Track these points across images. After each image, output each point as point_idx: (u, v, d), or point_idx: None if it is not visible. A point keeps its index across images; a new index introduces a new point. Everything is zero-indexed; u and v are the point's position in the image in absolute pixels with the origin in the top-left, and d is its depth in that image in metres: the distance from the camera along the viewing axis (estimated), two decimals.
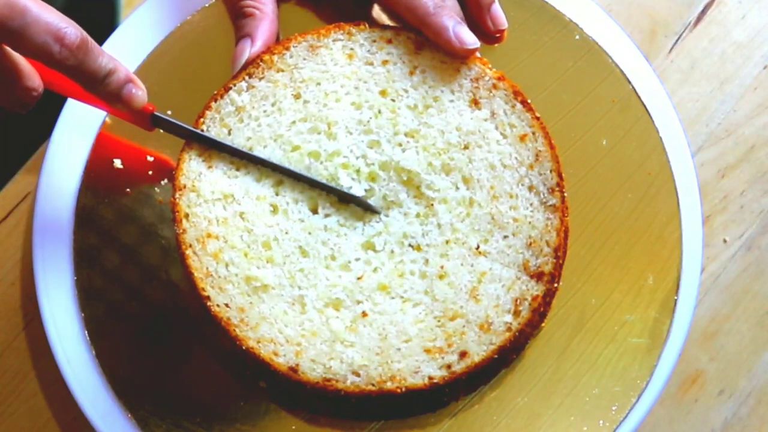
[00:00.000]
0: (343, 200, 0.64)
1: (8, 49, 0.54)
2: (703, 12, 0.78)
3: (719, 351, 0.72)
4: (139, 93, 0.59)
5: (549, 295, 0.64)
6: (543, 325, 0.66)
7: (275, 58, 0.66)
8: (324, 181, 0.64)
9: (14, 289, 0.69)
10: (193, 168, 0.64)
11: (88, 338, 0.65)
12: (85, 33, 0.55)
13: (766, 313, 0.73)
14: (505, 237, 0.64)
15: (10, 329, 0.69)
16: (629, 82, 0.71)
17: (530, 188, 0.65)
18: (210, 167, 0.64)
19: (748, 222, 0.75)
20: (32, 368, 0.68)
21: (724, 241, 0.74)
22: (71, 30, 0.54)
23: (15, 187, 0.71)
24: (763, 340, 0.73)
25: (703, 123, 0.76)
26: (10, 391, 0.68)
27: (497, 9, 0.69)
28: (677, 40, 0.78)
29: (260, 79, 0.65)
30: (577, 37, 0.72)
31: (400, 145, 0.65)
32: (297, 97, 0.65)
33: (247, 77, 0.65)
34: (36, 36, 0.53)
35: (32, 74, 0.57)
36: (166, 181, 0.67)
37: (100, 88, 0.58)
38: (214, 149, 0.64)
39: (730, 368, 0.72)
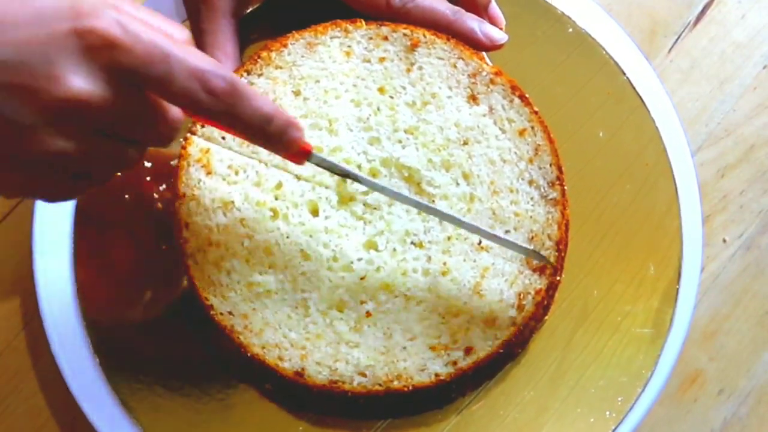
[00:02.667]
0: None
1: None
2: (703, 12, 0.78)
3: (719, 350, 0.72)
4: (300, 136, 0.55)
5: (552, 288, 0.64)
6: (546, 318, 0.66)
7: (273, 54, 0.66)
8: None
9: (14, 289, 0.69)
10: (192, 175, 0.64)
11: (87, 338, 0.64)
12: (234, 75, 0.50)
13: (766, 313, 0.73)
14: (507, 232, 0.64)
15: (10, 329, 0.69)
16: (623, 74, 0.72)
17: (530, 182, 0.65)
18: (209, 174, 0.64)
19: (748, 221, 0.75)
20: (32, 368, 0.68)
21: (724, 240, 0.74)
22: (218, 73, 0.50)
23: None
24: (763, 340, 0.73)
25: (703, 123, 0.76)
26: (10, 390, 0.68)
27: (494, 8, 0.69)
28: (677, 40, 0.78)
29: (259, 75, 0.65)
30: (570, 30, 0.72)
31: (400, 141, 0.65)
32: (297, 93, 0.65)
33: (245, 74, 0.65)
34: (180, 83, 0.49)
35: (173, 107, 0.52)
36: (164, 186, 0.67)
37: (256, 135, 0.53)
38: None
39: (729, 368, 0.72)
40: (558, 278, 0.64)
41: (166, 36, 0.49)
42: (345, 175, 0.61)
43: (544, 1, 0.72)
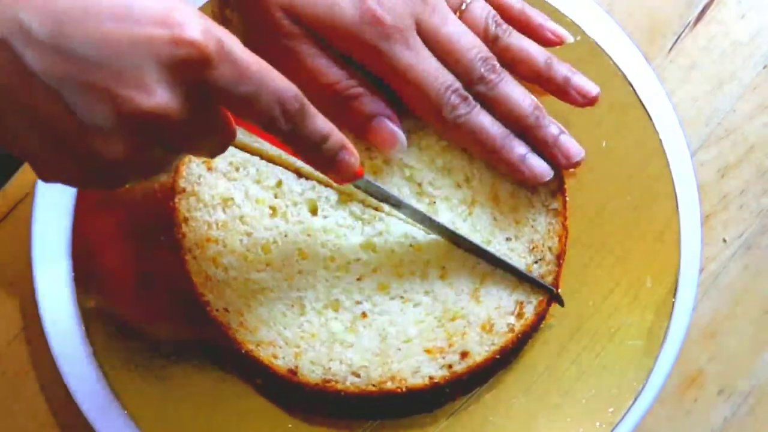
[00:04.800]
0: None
1: None
2: (703, 12, 0.78)
3: (719, 351, 0.72)
4: (353, 160, 0.55)
5: (551, 299, 0.64)
6: (541, 325, 0.66)
7: None
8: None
9: (14, 289, 0.69)
10: (193, 171, 0.64)
11: (87, 338, 0.65)
12: (301, 94, 0.50)
13: (765, 313, 0.73)
14: (508, 239, 0.64)
15: (10, 329, 0.69)
16: (630, 85, 0.71)
17: (532, 190, 0.65)
18: (210, 169, 0.64)
19: (748, 222, 0.75)
20: (32, 368, 0.68)
21: (724, 240, 0.74)
22: (292, 93, 0.50)
23: (15, 187, 0.71)
24: (762, 340, 0.73)
25: (703, 123, 0.76)
26: (10, 391, 0.68)
27: (567, 141, 0.64)
28: (677, 40, 0.78)
29: None
30: (578, 37, 0.72)
31: None
32: None
33: None
34: (263, 104, 0.48)
35: (231, 120, 0.51)
36: (165, 177, 0.67)
37: (311, 153, 0.54)
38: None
39: (729, 368, 0.72)
40: (557, 291, 0.65)
41: (252, 53, 0.48)
42: (387, 200, 0.62)
43: (552, 7, 0.72)
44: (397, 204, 0.63)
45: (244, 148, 0.65)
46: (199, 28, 0.45)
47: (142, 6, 0.44)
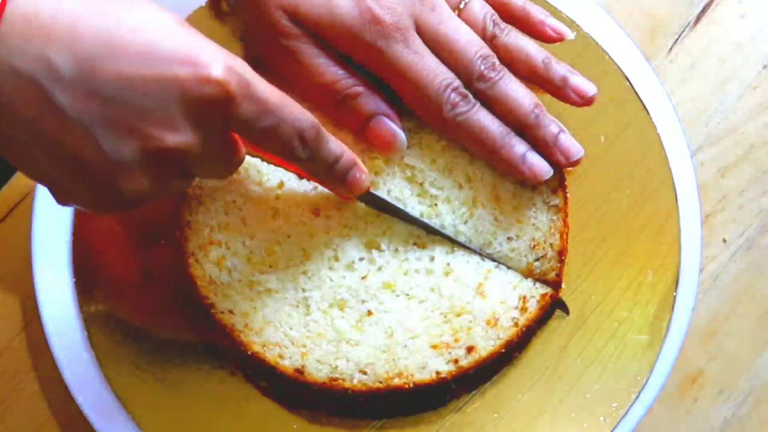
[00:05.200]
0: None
1: None
2: (703, 12, 0.78)
3: (719, 351, 0.72)
4: (363, 177, 0.58)
5: (555, 294, 0.64)
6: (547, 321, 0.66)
7: None
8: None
9: (14, 289, 0.69)
10: None
11: (87, 338, 0.64)
12: (316, 121, 0.52)
13: (766, 313, 0.73)
14: (509, 239, 0.64)
15: (10, 329, 0.69)
16: (627, 79, 0.71)
17: (533, 188, 0.65)
18: None
19: (748, 221, 0.75)
20: (32, 368, 0.68)
21: (724, 240, 0.74)
22: (310, 124, 0.52)
23: (15, 187, 0.71)
24: (762, 340, 0.73)
25: (703, 123, 0.76)
26: (10, 391, 0.68)
27: (567, 140, 0.64)
28: (677, 40, 0.78)
29: (267, 70, 0.65)
30: (575, 33, 0.72)
31: None
32: None
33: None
34: (283, 136, 0.50)
35: (240, 144, 0.53)
36: None
37: (324, 174, 0.56)
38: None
39: (729, 368, 0.72)
40: (560, 287, 0.65)
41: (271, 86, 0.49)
42: (391, 212, 0.63)
43: (548, 3, 0.72)
44: (402, 215, 0.63)
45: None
46: (223, 66, 0.46)
47: (167, 44, 0.45)
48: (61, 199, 0.49)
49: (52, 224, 0.66)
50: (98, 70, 0.44)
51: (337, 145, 0.55)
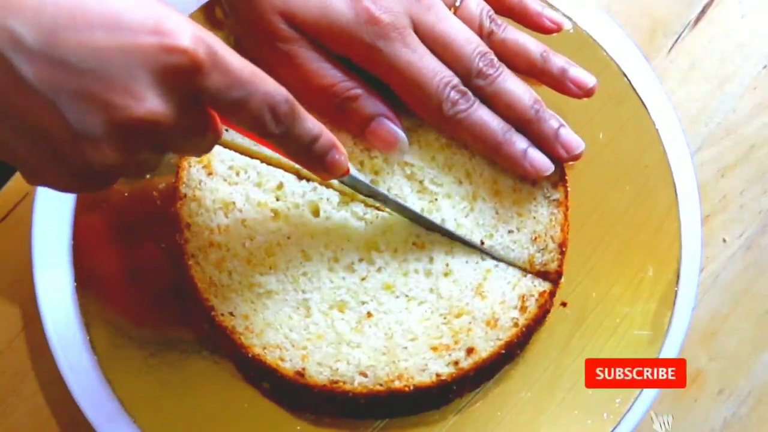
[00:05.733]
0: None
1: None
2: (703, 12, 0.78)
3: (719, 351, 0.72)
4: (342, 159, 0.56)
5: (554, 291, 0.64)
6: (545, 319, 0.66)
7: None
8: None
9: (14, 289, 0.69)
10: (193, 176, 0.64)
11: (87, 338, 0.64)
12: (291, 97, 0.51)
13: (765, 313, 0.73)
14: (510, 232, 0.64)
15: (10, 329, 0.69)
16: (625, 76, 0.72)
17: (533, 183, 0.65)
18: (210, 174, 0.64)
19: (748, 221, 0.75)
20: (32, 368, 0.68)
21: (724, 240, 0.74)
22: (283, 98, 0.50)
23: (15, 187, 0.71)
24: (762, 340, 0.73)
25: (703, 123, 0.76)
26: (10, 390, 0.68)
27: (567, 134, 0.64)
28: (677, 40, 0.78)
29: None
30: (572, 30, 0.72)
31: None
32: None
33: None
34: (253, 108, 0.49)
35: (217, 119, 0.52)
36: (164, 184, 0.67)
37: (301, 154, 0.54)
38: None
39: (729, 368, 0.72)
40: (560, 281, 0.65)
41: (242, 58, 0.49)
42: (371, 195, 0.62)
43: (544, 1, 0.72)
44: (382, 199, 0.63)
45: (244, 152, 0.64)
46: (190, 36, 0.45)
47: (132, 14, 0.45)
48: (30, 178, 0.48)
49: (52, 224, 0.66)
50: (62, 39, 0.43)
51: (314, 124, 0.53)
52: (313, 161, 0.55)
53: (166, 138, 0.48)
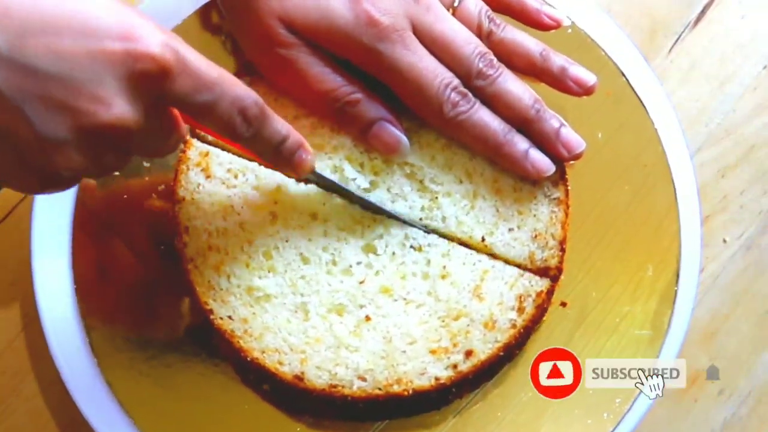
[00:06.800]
0: (345, 198, 0.64)
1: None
2: (703, 12, 0.78)
3: (719, 351, 0.72)
4: (309, 158, 0.57)
5: (551, 290, 0.64)
6: (544, 319, 0.66)
7: None
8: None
9: (14, 289, 0.70)
10: (191, 179, 0.64)
11: (87, 340, 0.64)
12: (260, 99, 0.52)
13: (766, 313, 0.73)
14: (510, 230, 0.64)
15: (10, 329, 0.69)
16: (623, 75, 0.71)
17: (534, 182, 0.65)
18: (209, 177, 0.64)
19: (748, 222, 0.75)
20: (31, 369, 0.68)
21: (724, 240, 0.74)
22: (253, 101, 0.51)
23: None
24: (762, 340, 0.73)
25: (703, 123, 0.76)
26: (10, 391, 0.68)
27: (568, 133, 0.64)
28: (677, 40, 0.78)
29: (262, 76, 0.65)
30: (570, 30, 0.72)
31: None
32: None
33: (248, 75, 0.65)
34: (221, 111, 0.50)
35: (180, 122, 0.52)
36: (163, 186, 0.67)
37: (271, 154, 0.55)
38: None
39: (729, 368, 0.72)
40: (560, 278, 0.65)
41: (210, 62, 0.49)
42: (334, 190, 0.63)
43: (544, 1, 0.72)
44: (346, 195, 0.64)
45: (242, 155, 0.65)
46: (158, 41, 0.46)
47: (100, 20, 0.45)
48: None
49: (52, 224, 0.66)
50: (30, 45, 0.43)
51: (282, 125, 0.54)
52: (282, 161, 0.56)
53: (132, 141, 0.48)
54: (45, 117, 0.44)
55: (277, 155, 0.55)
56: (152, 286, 0.66)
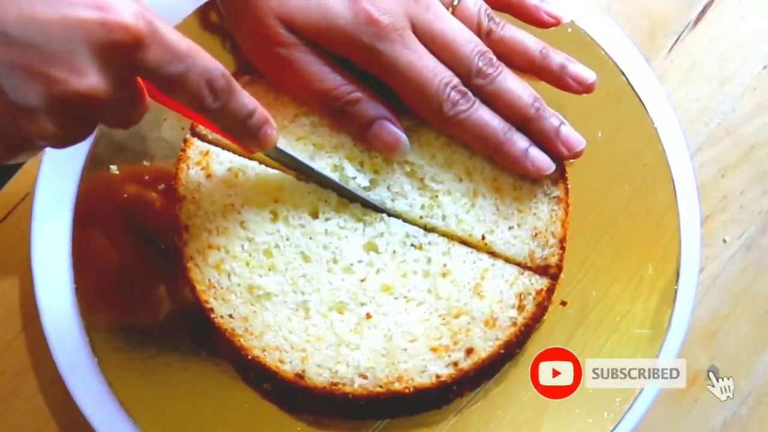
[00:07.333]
0: (346, 198, 0.64)
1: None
2: (703, 12, 0.78)
3: (719, 351, 0.72)
4: (274, 133, 0.57)
5: (551, 288, 0.64)
6: (544, 318, 0.66)
7: None
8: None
9: (14, 289, 0.69)
10: (192, 178, 0.64)
11: (87, 340, 0.64)
12: (227, 72, 0.52)
13: (766, 313, 0.73)
14: (510, 228, 0.64)
15: (10, 329, 0.69)
16: (622, 74, 0.72)
17: (534, 180, 0.65)
18: (209, 176, 0.64)
19: (748, 222, 0.75)
20: (32, 368, 0.68)
21: (724, 240, 0.74)
22: (220, 73, 0.51)
23: (15, 188, 0.71)
24: (762, 340, 0.73)
25: (703, 123, 0.76)
26: (10, 391, 0.68)
27: (568, 132, 0.64)
28: (677, 40, 0.78)
29: (261, 75, 0.65)
30: (570, 30, 0.72)
31: None
32: None
33: (247, 74, 0.65)
34: (191, 83, 0.50)
35: (145, 93, 0.52)
36: (163, 185, 0.67)
37: (237, 128, 0.55)
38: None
39: (729, 368, 0.72)
40: (560, 276, 0.65)
41: (181, 34, 0.49)
42: (297, 168, 0.63)
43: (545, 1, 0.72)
44: (307, 171, 0.64)
45: (242, 154, 0.65)
46: (131, 12, 0.46)
47: None
48: None
49: (52, 224, 0.66)
50: (2, 11, 0.43)
51: (249, 99, 0.55)
52: (248, 135, 0.56)
53: (100, 111, 0.48)
54: (17, 84, 0.44)
55: (243, 129, 0.56)
56: (129, 272, 0.66)
